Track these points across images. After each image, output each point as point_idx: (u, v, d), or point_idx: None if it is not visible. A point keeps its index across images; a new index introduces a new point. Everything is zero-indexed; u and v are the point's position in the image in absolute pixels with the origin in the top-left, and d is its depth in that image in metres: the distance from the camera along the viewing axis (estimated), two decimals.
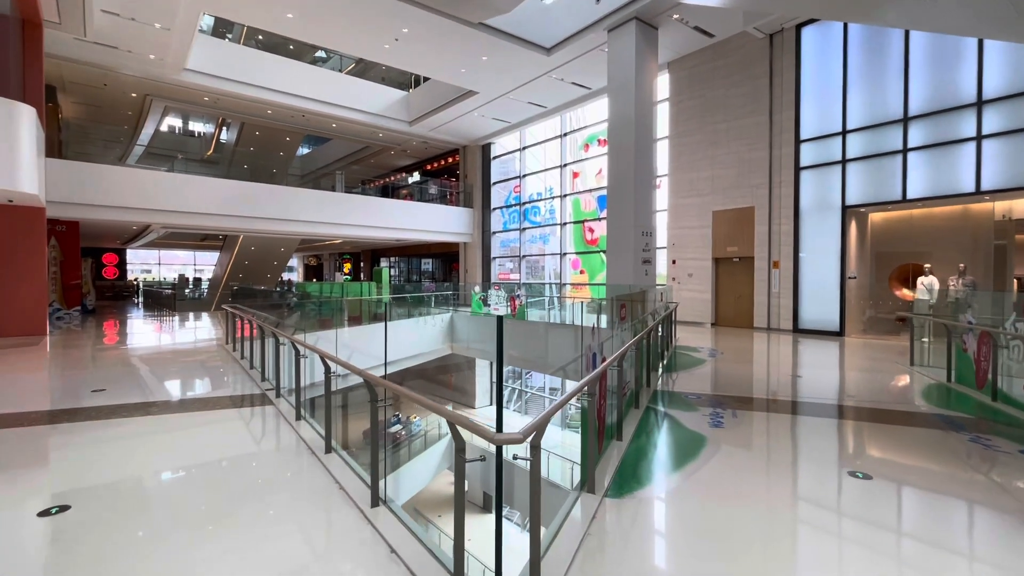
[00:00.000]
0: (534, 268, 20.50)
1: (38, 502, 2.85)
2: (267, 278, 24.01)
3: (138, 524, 2.62)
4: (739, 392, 5.71)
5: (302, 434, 4.04)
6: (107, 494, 3.00)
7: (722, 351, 8.77)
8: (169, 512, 2.77)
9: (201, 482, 3.22)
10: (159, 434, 4.15)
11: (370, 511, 2.69)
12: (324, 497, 2.96)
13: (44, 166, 10.95)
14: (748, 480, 3.23)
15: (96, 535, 2.48)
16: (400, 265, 30.32)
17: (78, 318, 14.85)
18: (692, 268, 13.40)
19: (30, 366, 7.32)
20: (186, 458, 3.64)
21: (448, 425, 1.92)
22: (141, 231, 19.87)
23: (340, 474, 3.23)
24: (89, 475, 3.29)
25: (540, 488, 1.93)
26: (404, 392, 2.42)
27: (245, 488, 3.07)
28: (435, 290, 19.47)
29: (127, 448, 3.81)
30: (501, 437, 1.69)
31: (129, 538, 2.47)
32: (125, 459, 3.61)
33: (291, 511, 2.79)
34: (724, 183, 12.57)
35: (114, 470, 3.42)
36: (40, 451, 3.77)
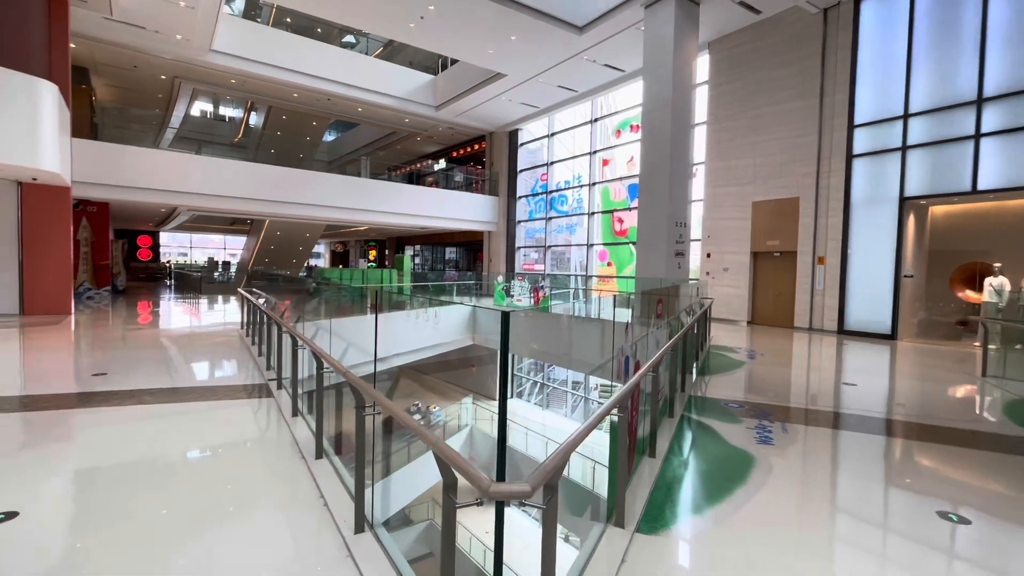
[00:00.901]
0: (559, 259, 19.91)
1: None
2: (293, 263, 24.14)
3: (74, 538, 2.25)
4: (785, 401, 5.09)
5: (296, 433, 3.65)
6: (54, 497, 2.66)
7: (762, 352, 8.08)
8: (113, 524, 2.40)
9: (166, 487, 2.85)
10: (141, 427, 3.84)
11: (352, 538, 2.26)
12: (303, 514, 2.55)
13: (71, 145, 10.96)
14: (813, 517, 2.67)
15: (24, 546, 2.12)
16: (424, 253, 30.11)
17: (107, 298, 15.04)
18: (728, 262, 12.60)
19: (43, 345, 7.23)
20: (161, 457, 3.30)
21: (435, 458, 1.45)
22: (169, 214, 20.11)
23: (327, 485, 2.82)
24: (40, 474, 2.97)
25: (555, 542, 1.44)
26: (394, 410, 1.97)
27: (215, 499, 2.69)
28: (457, 279, 19.11)
29: (98, 442, 3.50)
30: (502, 490, 1.20)
31: (51, 557, 2.10)
32: (92, 455, 3.29)
33: (260, 532, 2.38)
34: (766, 172, 11.71)
35: (73, 467, 3.12)
36: (5, 441, 3.48)
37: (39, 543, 2.24)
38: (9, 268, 10.31)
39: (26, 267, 10.45)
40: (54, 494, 2.81)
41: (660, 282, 10.74)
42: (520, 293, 15.45)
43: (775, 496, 2.88)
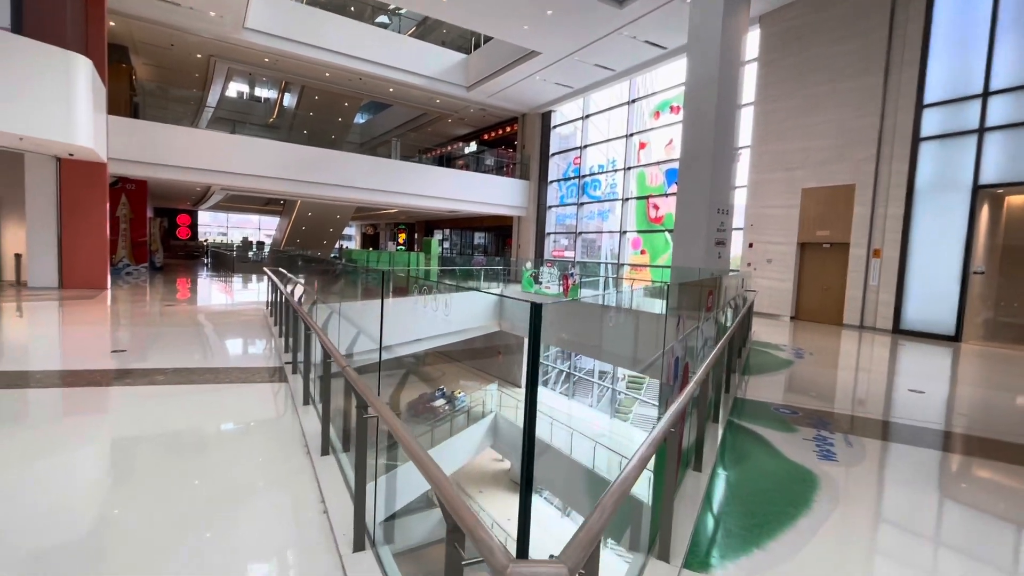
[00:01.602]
0: (590, 247, 19.34)
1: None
2: (324, 244, 24.32)
3: (37, 539, 2.02)
4: (844, 407, 4.56)
5: (304, 424, 3.40)
6: (26, 487, 2.46)
7: (810, 351, 7.46)
8: (83, 525, 2.16)
9: (155, 482, 2.62)
10: (142, 409, 3.66)
11: (350, 557, 1.95)
12: (298, 523, 2.27)
13: (107, 122, 11.06)
14: (902, 563, 2.22)
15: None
16: (453, 238, 29.90)
17: (145, 274, 15.39)
18: (772, 253, 11.83)
19: (73, 319, 7.29)
20: (159, 445, 3.09)
21: (439, 506, 1.10)
22: (204, 193, 20.44)
23: (330, 487, 2.53)
24: (13, 455, 2.79)
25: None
26: (392, 424, 1.63)
27: (198, 499, 2.43)
28: (485, 264, 18.80)
29: (98, 425, 3.33)
30: (525, 572, 0.82)
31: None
32: (86, 439, 3.10)
33: (243, 545, 2.10)
34: (819, 156, 10.85)
35: (62, 452, 2.92)
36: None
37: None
38: (49, 243, 10.54)
39: (65, 242, 10.66)
40: (30, 483, 2.61)
41: (698, 272, 10.14)
42: (549, 280, 15.02)
43: (849, 529, 2.43)
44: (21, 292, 9.92)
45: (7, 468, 2.64)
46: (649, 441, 1.52)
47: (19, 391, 3.82)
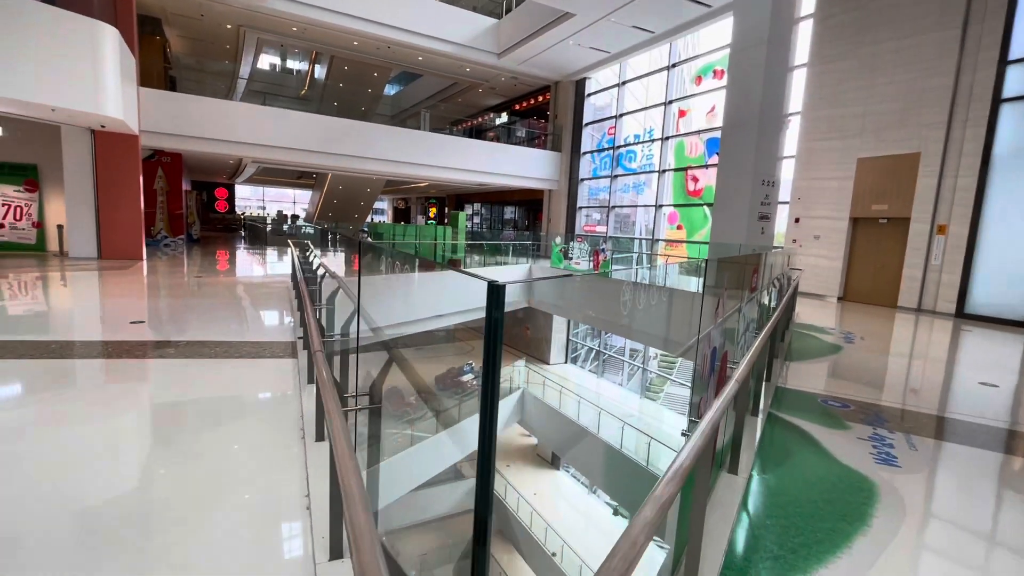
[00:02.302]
0: (623, 222, 18.64)
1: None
2: (355, 218, 24.44)
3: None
4: (903, 401, 4.06)
5: (305, 405, 3.20)
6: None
7: (861, 335, 6.84)
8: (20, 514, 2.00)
9: (127, 468, 2.46)
10: (147, 384, 3.55)
11: (326, 566, 1.71)
12: (276, 520, 2.05)
13: (138, 94, 11.12)
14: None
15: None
16: (484, 212, 29.55)
17: (182, 246, 15.77)
18: (820, 229, 10.99)
19: (101, 290, 7.40)
20: (144, 425, 2.95)
21: None
22: (237, 166, 20.69)
23: (319, 479, 2.30)
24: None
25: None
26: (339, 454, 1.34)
27: (172, 488, 2.24)
28: (514, 239, 18.42)
29: (88, 401, 3.21)
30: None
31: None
32: (67, 416, 2.98)
33: (207, 544, 1.89)
34: (880, 122, 9.86)
35: (34, 426, 2.80)
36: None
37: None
38: (87, 214, 10.80)
39: (102, 214, 10.90)
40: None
41: (739, 248, 9.50)
42: (579, 256, 14.55)
43: (918, 554, 2.04)
44: (64, 262, 10.24)
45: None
46: (679, 465, 1.18)
47: (26, 361, 3.78)
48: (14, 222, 11.65)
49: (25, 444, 2.58)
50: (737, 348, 2.78)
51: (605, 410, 12.81)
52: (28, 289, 7.17)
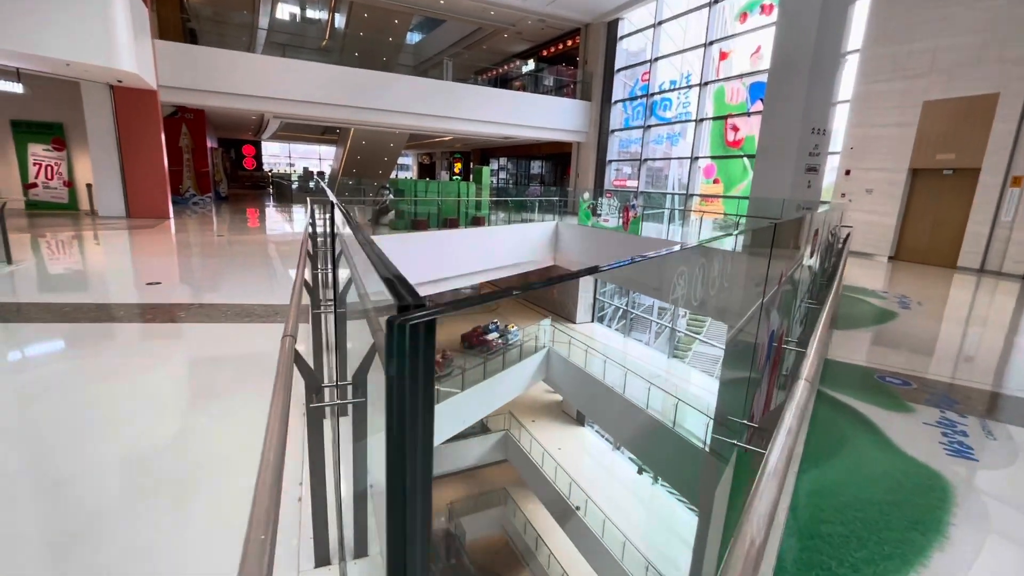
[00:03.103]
0: (656, 176, 17.74)
1: None
2: (379, 174, 24.11)
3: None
4: (976, 379, 3.61)
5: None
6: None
7: (918, 300, 6.25)
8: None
9: (109, 443, 2.31)
10: (153, 350, 3.42)
11: (310, 574, 1.51)
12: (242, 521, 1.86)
13: (153, 47, 10.82)
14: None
15: None
16: (509, 167, 28.72)
17: (210, 204, 15.86)
18: (873, 182, 10.08)
19: (124, 248, 7.40)
20: (139, 394, 2.81)
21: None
22: (260, 122, 20.45)
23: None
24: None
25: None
26: None
27: (158, 470, 2.08)
28: (540, 194, 17.82)
29: (90, 367, 3.09)
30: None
31: None
32: (62, 383, 2.86)
33: (184, 538, 1.71)
34: (952, 58, 8.74)
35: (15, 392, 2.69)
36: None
37: None
38: (112, 172, 10.81)
39: (127, 172, 10.90)
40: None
41: (782, 204, 8.82)
42: (608, 212, 13.94)
43: (1006, 572, 1.72)
44: (96, 221, 10.37)
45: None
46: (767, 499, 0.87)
47: (35, 325, 3.71)
48: (46, 181, 11.81)
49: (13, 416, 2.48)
50: (792, 320, 2.41)
51: (631, 370, 12.57)
52: (52, 249, 7.22)
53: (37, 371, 3.00)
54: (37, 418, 2.44)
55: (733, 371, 2.00)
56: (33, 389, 2.73)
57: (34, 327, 3.67)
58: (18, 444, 2.24)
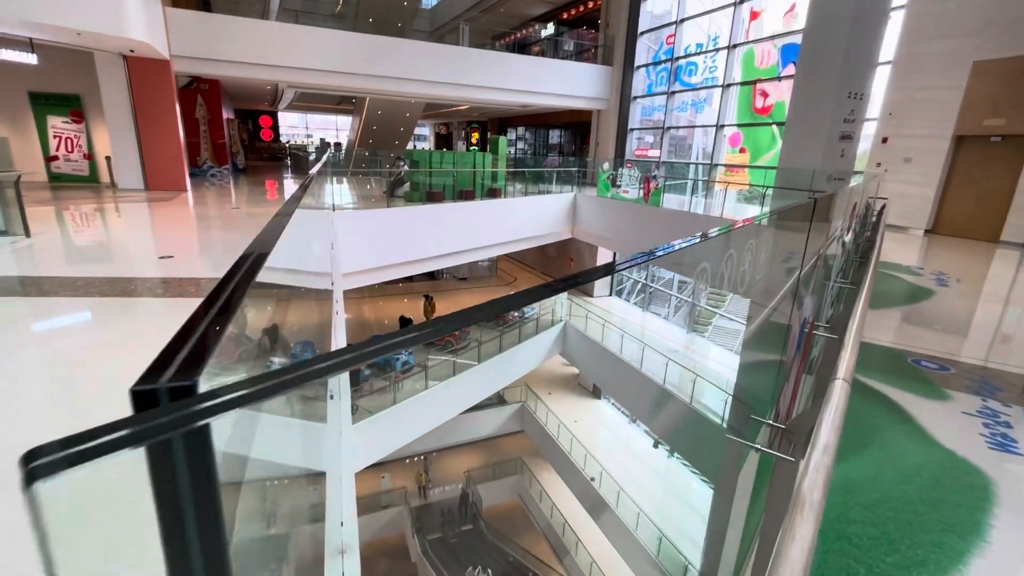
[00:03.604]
0: (679, 145, 17.11)
1: None
2: (395, 144, 23.85)
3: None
4: (1017, 361, 3.37)
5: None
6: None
7: (956, 277, 5.90)
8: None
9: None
10: (157, 326, 3.39)
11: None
12: None
13: (165, 15, 10.66)
14: None
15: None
16: (527, 137, 28.08)
17: (227, 176, 15.90)
18: (913, 150, 9.50)
19: (139, 221, 7.44)
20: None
21: None
22: (275, 92, 20.25)
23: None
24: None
25: None
26: None
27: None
28: (559, 165, 17.40)
29: (89, 344, 3.07)
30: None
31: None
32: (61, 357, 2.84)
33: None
34: (1008, 13, 8.03)
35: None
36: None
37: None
38: (129, 144, 10.83)
39: (144, 144, 10.91)
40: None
41: (812, 175, 8.38)
42: (628, 183, 13.54)
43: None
44: (116, 194, 10.46)
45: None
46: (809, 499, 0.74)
47: (44, 299, 3.72)
48: (67, 154, 11.92)
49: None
50: (824, 305, 2.22)
51: (649, 345, 12.41)
52: (69, 223, 7.29)
53: (39, 344, 2.99)
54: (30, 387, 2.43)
55: (757, 357, 1.84)
56: (32, 360, 2.72)
57: (47, 301, 3.68)
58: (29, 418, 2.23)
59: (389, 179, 12.17)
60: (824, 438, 0.80)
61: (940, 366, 3.19)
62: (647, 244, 12.49)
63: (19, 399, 2.39)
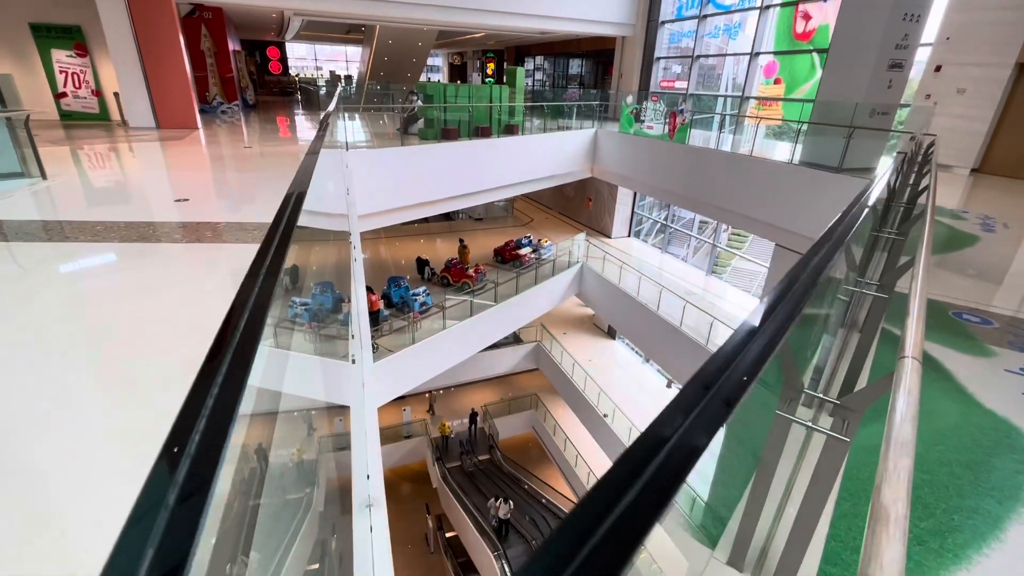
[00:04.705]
0: (708, 76, 16.02)
1: None
2: (407, 76, 22.83)
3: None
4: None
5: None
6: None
7: (1004, 221, 5.56)
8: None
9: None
10: (177, 274, 3.39)
11: None
12: None
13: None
14: None
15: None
16: (546, 67, 26.55)
17: (238, 112, 15.50)
18: (967, 80, 8.73)
19: (152, 162, 7.34)
20: (144, 328, 2.78)
21: None
22: (281, 20, 19.25)
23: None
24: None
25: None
26: None
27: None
28: (579, 98, 16.51)
29: (104, 291, 3.07)
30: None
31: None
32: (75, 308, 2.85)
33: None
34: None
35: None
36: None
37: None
38: (135, 78, 10.52)
39: (151, 80, 10.58)
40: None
41: (854, 109, 7.79)
42: (652, 118, 12.84)
43: None
44: (128, 132, 10.30)
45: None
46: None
47: (67, 245, 3.73)
48: (75, 90, 11.65)
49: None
50: (874, 259, 2.07)
51: (667, 288, 12.28)
52: (82, 164, 7.22)
53: (61, 290, 3.01)
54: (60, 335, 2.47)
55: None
56: (55, 308, 2.75)
57: (71, 247, 3.68)
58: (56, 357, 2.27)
59: (403, 115, 11.71)
60: (901, 434, 0.72)
61: (983, 319, 3.04)
62: (671, 184, 12.02)
63: (79, 342, 2.42)
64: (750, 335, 0.76)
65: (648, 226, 19.09)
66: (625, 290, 13.35)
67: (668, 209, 17.51)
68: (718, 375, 0.63)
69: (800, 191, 8.34)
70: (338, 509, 3.00)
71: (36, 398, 1.91)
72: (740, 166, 9.71)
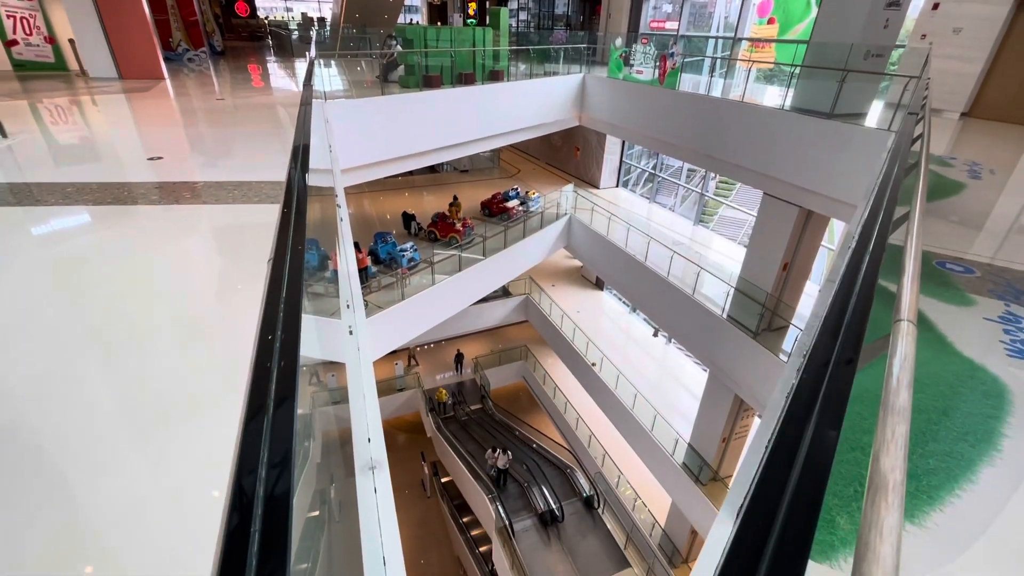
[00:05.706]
0: (699, 15, 15.38)
1: None
2: (385, 19, 21.62)
3: None
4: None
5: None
6: None
7: (991, 167, 5.58)
8: None
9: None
10: (152, 238, 3.29)
11: None
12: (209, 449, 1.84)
13: None
14: None
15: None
16: (530, 6, 25.20)
17: (206, 60, 14.62)
18: (965, 19, 8.49)
19: (119, 117, 6.95)
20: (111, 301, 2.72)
21: None
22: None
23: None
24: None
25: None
26: None
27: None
28: (565, 41, 15.80)
29: (73, 259, 2.98)
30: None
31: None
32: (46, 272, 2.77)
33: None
34: None
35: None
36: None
37: None
38: (92, 27, 9.78)
39: (107, 25, 9.84)
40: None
41: (848, 50, 7.57)
42: (642, 62, 12.39)
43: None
44: (89, 84, 9.69)
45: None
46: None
47: (38, 208, 3.57)
48: (26, 36, 10.81)
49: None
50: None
51: (655, 239, 12.30)
52: (45, 120, 6.82)
53: (36, 257, 2.92)
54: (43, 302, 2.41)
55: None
56: (31, 276, 2.67)
57: (43, 210, 3.53)
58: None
59: (381, 61, 11.15)
60: (898, 401, 0.74)
61: (965, 268, 3.11)
62: (660, 132, 11.76)
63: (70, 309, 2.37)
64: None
65: (636, 175, 18.87)
66: (613, 241, 13.34)
67: (657, 158, 17.27)
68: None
69: (791, 138, 8.23)
70: (333, 460, 3.10)
71: (27, 370, 1.89)
72: (730, 113, 9.51)
